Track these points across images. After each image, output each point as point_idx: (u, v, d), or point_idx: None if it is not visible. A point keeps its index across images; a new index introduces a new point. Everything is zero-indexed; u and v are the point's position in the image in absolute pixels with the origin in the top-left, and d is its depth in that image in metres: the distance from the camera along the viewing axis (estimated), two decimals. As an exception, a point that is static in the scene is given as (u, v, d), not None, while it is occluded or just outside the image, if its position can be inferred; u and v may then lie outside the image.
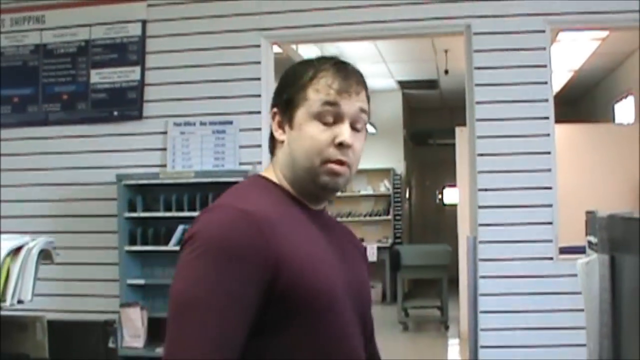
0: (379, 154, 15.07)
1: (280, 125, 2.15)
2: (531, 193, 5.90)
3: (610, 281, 2.76)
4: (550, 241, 5.89)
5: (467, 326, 5.60)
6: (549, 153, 5.94)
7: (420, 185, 19.55)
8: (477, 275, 5.88)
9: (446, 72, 12.29)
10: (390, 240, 15.26)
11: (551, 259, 5.87)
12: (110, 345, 3.92)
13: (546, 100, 5.97)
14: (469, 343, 5.90)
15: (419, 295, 14.38)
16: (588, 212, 3.56)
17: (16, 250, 3.33)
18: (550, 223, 5.90)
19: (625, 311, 2.38)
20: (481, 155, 6.00)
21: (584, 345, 3.52)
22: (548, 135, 5.95)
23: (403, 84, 14.86)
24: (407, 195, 16.85)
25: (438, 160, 17.31)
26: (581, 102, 15.13)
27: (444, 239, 13.62)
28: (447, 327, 12.02)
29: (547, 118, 5.97)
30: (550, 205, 5.91)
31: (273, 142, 2.19)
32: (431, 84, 14.64)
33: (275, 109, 2.16)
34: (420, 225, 18.83)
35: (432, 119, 17.43)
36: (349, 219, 15.40)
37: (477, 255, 5.91)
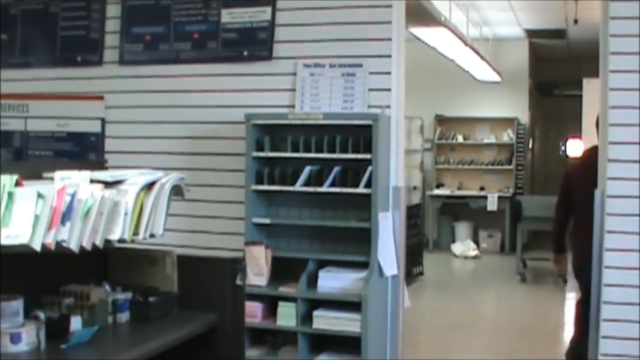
0: (503, 103, 14.88)
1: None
2: (665, 149, 5.75)
3: None
4: (683, 199, 5.74)
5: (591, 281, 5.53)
6: (685, 108, 5.76)
7: (543, 135, 19.27)
8: (604, 230, 5.78)
9: (575, 21, 12.02)
10: (511, 190, 15.14)
11: (682, 217, 5.74)
12: (238, 282, 4.00)
13: (685, 54, 5.78)
14: (592, 298, 5.82)
15: (538, 247, 14.16)
16: None
17: (150, 185, 3.40)
18: (684, 181, 5.74)
19: None
20: (613, 107, 5.86)
21: None
22: (685, 90, 5.77)
23: (530, 33, 14.59)
24: (530, 146, 16.63)
25: (563, 112, 17.02)
26: None
27: (566, 191, 13.43)
28: (565, 281, 11.90)
29: (684, 72, 5.78)
30: (683, 163, 5.75)
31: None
32: (559, 33, 14.38)
33: None
34: (542, 177, 18.58)
35: (559, 70, 17.16)
36: (471, 166, 15.33)
37: (605, 210, 5.81)
